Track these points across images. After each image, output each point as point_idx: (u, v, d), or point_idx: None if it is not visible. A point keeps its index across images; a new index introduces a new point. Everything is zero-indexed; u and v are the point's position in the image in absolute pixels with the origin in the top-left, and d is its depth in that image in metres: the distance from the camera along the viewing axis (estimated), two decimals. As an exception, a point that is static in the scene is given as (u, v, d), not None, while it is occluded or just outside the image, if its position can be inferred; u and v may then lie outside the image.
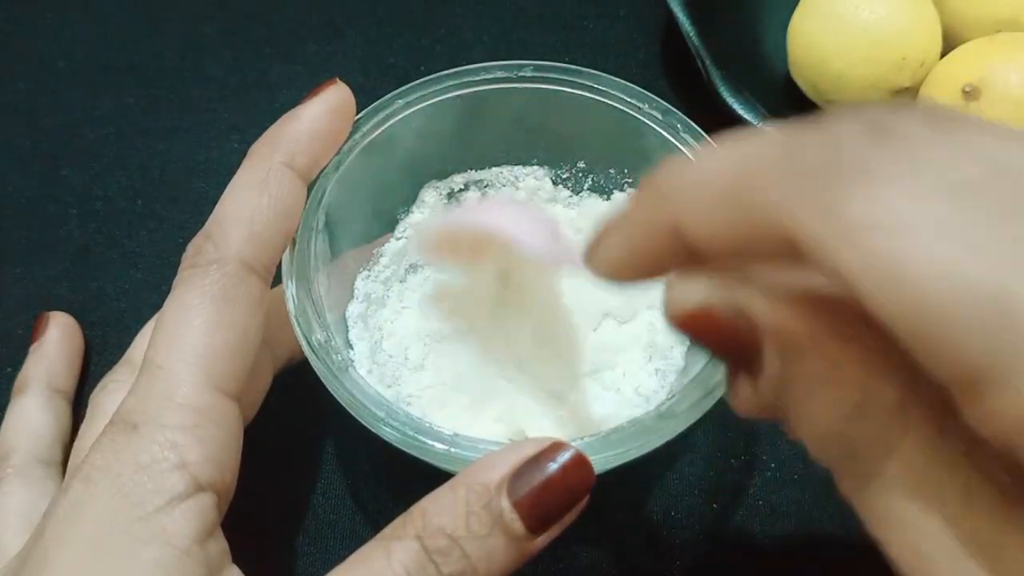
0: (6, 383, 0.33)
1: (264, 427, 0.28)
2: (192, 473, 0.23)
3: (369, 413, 0.25)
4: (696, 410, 0.25)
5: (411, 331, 0.32)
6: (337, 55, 0.44)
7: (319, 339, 0.26)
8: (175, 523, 0.22)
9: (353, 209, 0.31)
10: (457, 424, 0.30)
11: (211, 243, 0.25)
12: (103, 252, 0.38)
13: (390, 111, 0.30)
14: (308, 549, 0.32)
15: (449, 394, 0.31)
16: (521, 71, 0.31)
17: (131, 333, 0.32)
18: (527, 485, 0.22)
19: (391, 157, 0.31)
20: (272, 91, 0.43)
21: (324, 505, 0.33)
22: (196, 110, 0.42)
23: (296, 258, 0.28)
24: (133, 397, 0.24)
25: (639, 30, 0.44)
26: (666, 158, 0.24)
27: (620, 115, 0.31)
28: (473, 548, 0.22)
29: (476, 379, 0.31)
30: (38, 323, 0.34)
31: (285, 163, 0.26)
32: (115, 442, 0.23)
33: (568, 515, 0.23)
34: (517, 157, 0.34)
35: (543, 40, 0.44)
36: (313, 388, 0.26)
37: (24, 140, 0.41)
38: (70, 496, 0.22)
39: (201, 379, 0.23)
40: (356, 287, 0.32)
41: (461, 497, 0.22)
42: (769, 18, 0.43)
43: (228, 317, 0.24)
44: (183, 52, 0.44)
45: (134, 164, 0.40)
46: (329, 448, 0.34)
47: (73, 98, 0.42)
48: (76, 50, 0.44)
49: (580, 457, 0.23)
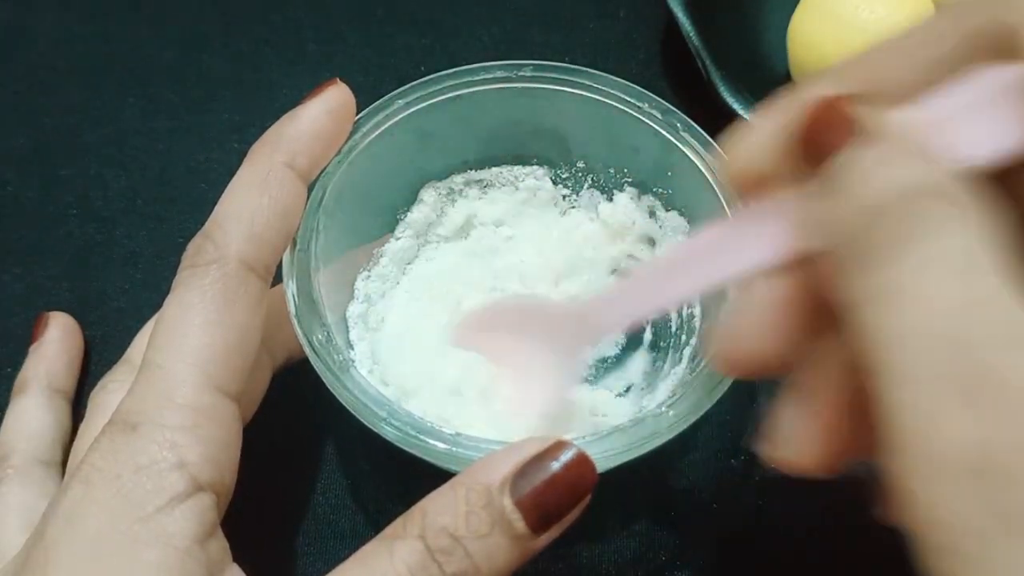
0: (6, 383, 0.33)
1: (264, 427, 0.28)
2: (192, 473, 0.23)
3: (371, 413, 0.25)
4: (696, 410, 0.25)
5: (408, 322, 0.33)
6: (337, 55, 0.44)
7: (319, 339, 0.26)
8: (175, 523, 0.22)
9: (353, 209, 0.31)
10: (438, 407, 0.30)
11: (211, 243, 0.25)
12: (103, 252, 0.38)
13: (390, 111, 0.30)
14: (308, 549, 0.32)
15: (429, 380, 0.31)
16: (521, 71, 0.31)
17: (131, 333, 0.32)
18: (529, 484, 0.22)
19: (391, 157, 0.31)
20: (272, 91, 0.43)
21: (324, 505, 0.33)
22: (196, 110, 0.42)
23: (296, 258, 0.28)
24: (132, 397, 0.24)
25: (639, 30, 0.44)
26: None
27: (620, 115, 0.31)
28: (475, 547, 0.22)
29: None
30: (38, 323, 0.34)
31: (285, 163, 0.26)
32: (114, 442, 0.23)
33: (570, 514, 0.23)
34: (517, 157, 0.34)
35: (543, 40, 0.44)
36: (313, 388, 0.26)
37: (24, 140, 0.41)
38: (69, 497, 0.22)
39: (200, 379, 0.23)
40: (356, 287, 0.32)
41: (463, 496, 0.22)
42: (769, 18, 0.43)
43: (228, 317, 0.24)
44: (183, 52, 0.44)
45: (134, 164, 0.40)
46: (329, 448, 0.34)
47: (73, 98, 0.42)
48: (76, 50, 0.44)
49: (582, 456, 0.23)
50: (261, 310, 0.25)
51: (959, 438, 0.14)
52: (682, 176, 0.31)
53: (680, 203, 0.32)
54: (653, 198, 0.33)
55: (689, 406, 0.25)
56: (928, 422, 0.15)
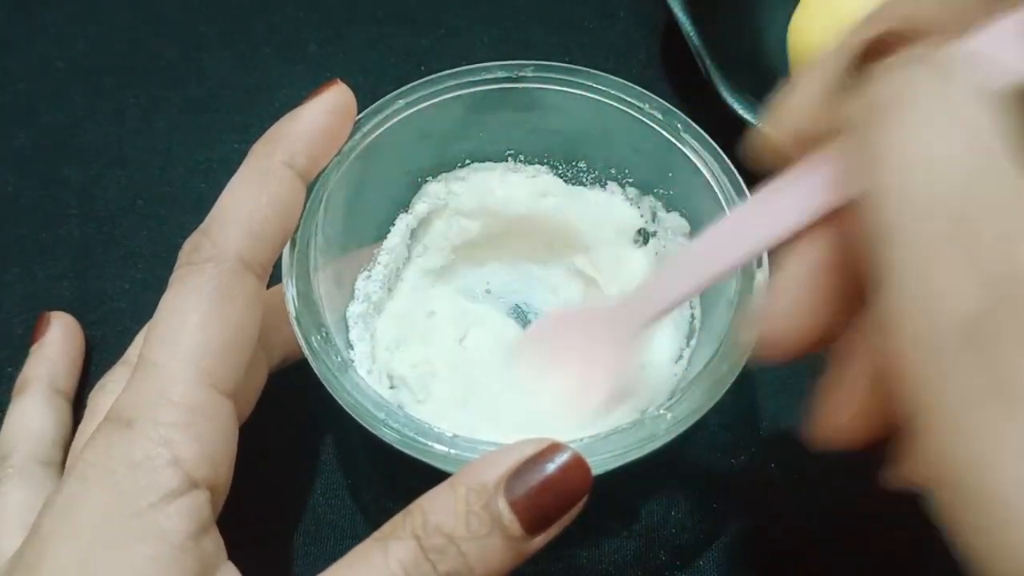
0: (6, 383, 0.33)
1: (264, 427, 0.28)
2: (186, 470, 0.23)
3: (369, 414, 0.25)
4: (695, 412, 0.25)
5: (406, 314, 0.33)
6: (337, 55, 0.44)
7: (319, 340, 0.26)
8: (170, 520, 0.22)
9: (353, 209, 0.31)
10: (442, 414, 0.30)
11: (208, 240, 0.25)
12: (103, 252, 0.38)
13: (390, 111, 0.30)
14: (308, 549, 0.32)
15: (436, 383, 0.31)
16: (521, 71, 0.31)
17: (131, 333, 0.32)
18: (525, 485, 0.22)
19: (391, 157, 0.31)
20: (272, 91, 0.43)
21: (324, 505, 0.32)
22: (196, 110, 0.42)
23: (296, 258, 0.27)
24: (128, 394, 0.24)
25: (639, 30, 0.44)
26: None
27: (620, 115, 0.31)
28: (470, 547, 0.22)
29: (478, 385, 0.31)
30: (39, 323, 0.34)
31: (285, 163, 0.26)
32: (109, 439, 0.23)
33: (566, 516, 0.23)
34: (517, 157, 0.34)
35: (543, 40, 0.44)
36: (313, 388, 0.26)
37: (24, 140, 0.41)
38: (65, 493, 0.22)
39: (196, 376, 0.23)
40: (356, 287, 0.32)
41: (459, 496, 0.22)
42: (769, 18, 0.43)
43: (224, 315, 0.24)
44: (183, 52, 0.44)
45: (134, 164, 0.40)
46: (329, 448, 0.34)
47: (73, 98, 0.42)
48: (76, 50, 0.44)
49: (578, 458, 0.23)
50: (258, 309, 0.25)
51: (958, 306, 0.14)
52: (683, 177, 0.31)
53: (681, 204, 0.32)
54: (654, 199, 0.33)
55: (688, 408, 0.25)
56: (927, 284, 0.15)
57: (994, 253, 0.14)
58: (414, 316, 0.33)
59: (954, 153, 0.15)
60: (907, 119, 0.16)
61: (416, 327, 0.33)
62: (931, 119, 0.16)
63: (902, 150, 0.16)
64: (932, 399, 0.15)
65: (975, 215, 0.15)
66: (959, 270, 0.14)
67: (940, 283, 0.14)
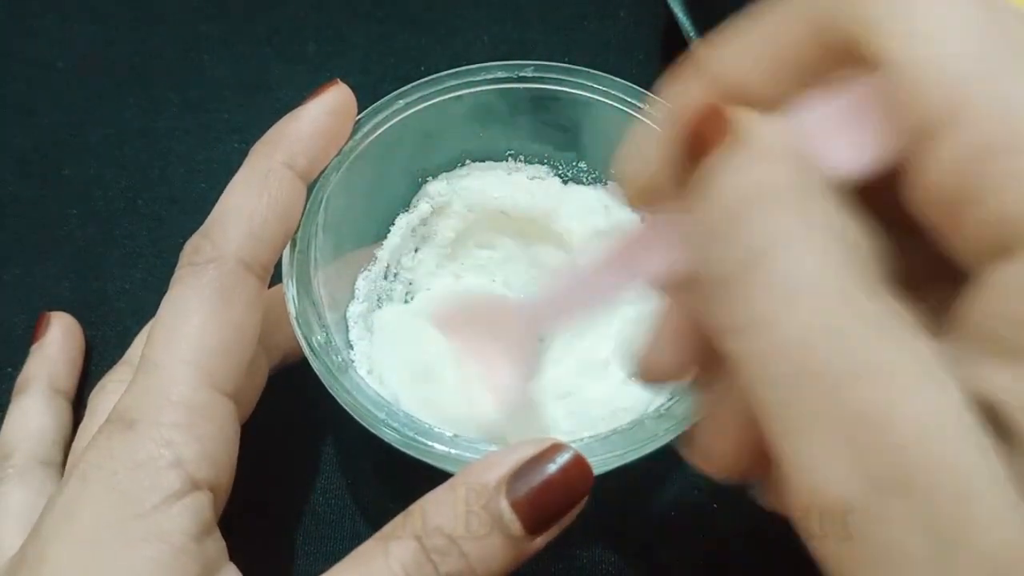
0: (7, 383, 0.33)
1: (264, 427, 0.28)
2: (188, 471, 0.23)
3: (369, 414, 0.25)
4: (696, 412, 0.25)
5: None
6: (337, 55, 0.44)
7: (319, 340, 0.26)
8: (171, 521, 0.22)
9: (354, 209, 0.31)
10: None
11: (209, 242, 0.25)
12: (103, 252, 0.38)
13: (390, 111, 0.30)
14: (308, 549, 0.32)
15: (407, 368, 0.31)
16: (521, 71, 0.31)
17: (131, 333, 0.32)
18: (526, 486, 0.22)
19: (391, 157, 0.31)
20: (272, 91, 0.43)
21: (324, 505, 0.32)
22: (196, 110, 0.42)
23: (296, 259, 0.28)
24: (129, 395, 0.24)
25: (639, 30, 0.44)
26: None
27: (620, 115, 0.31)
28: (471, 548, 0.22)
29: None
30: (39, 323, 0.34)
31: (285, 163, 0.26)
32: (111, 440, 0.23)
33: (567, 516, 0.23)
34: (517, 157, 0.34)
35: (543, 40, 0.44)
36: (313, 388, 0.26)
37: (24, 140, 0.41)
38: (66, 494, 0.23)
39: (197, 377, 0.23)
40: (356, 287, 0.32)
41: (460, 497, 0.22)
42: (769, 18, 0.43)
43: (225, 316, 0.24)
44: (183, 52, 0.44)
45: (134, 164, 0.40)
46: (329, 448, 0.34)
47: (73, 98, 0.42)
48: (76, 50, 0.44)
49: (579, 458, 0.23)
50: (258, 309, 0.25)
51: (839, 490, 0.14)
52: (682, 176, 0.31)
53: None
54: (653, 198, 0.33)
55: (688, 409, 0.25)
56: (810, 473, 0.14)
57: (865, 434, 0.13)
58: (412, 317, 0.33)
59: (804, 319, 0.14)
60: (756, 282, 0.15)
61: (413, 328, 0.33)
62: (779, 284, 0.14)
63: (757, 320, 0.15)
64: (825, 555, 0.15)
65: (841, 394, 0.14)
66: (834, 457, 0.14)
67: (822, 473, 0.14)
